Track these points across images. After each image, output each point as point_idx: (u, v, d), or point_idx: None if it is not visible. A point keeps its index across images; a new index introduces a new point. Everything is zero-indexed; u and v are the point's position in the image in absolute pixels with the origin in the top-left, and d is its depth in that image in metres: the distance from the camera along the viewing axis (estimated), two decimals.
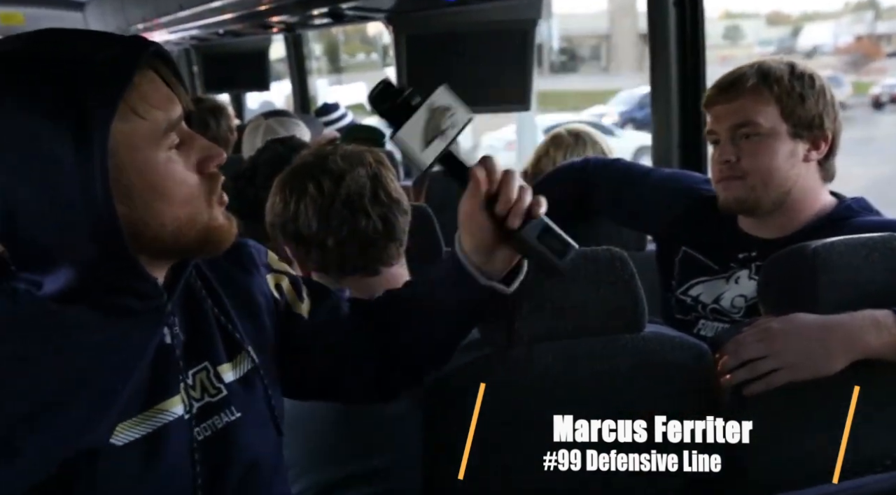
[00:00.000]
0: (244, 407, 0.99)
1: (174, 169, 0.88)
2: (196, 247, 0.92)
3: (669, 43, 2.15)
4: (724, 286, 1.60)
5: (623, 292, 1.20)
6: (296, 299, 1.11)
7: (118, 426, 0.87)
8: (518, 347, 1.18)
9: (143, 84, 0.85)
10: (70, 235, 0.83)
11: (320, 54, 21.19)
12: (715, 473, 1.29)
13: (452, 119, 1.02)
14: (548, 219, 1.02)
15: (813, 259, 1.23)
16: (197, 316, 0.98)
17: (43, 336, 0.85)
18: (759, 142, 1.52)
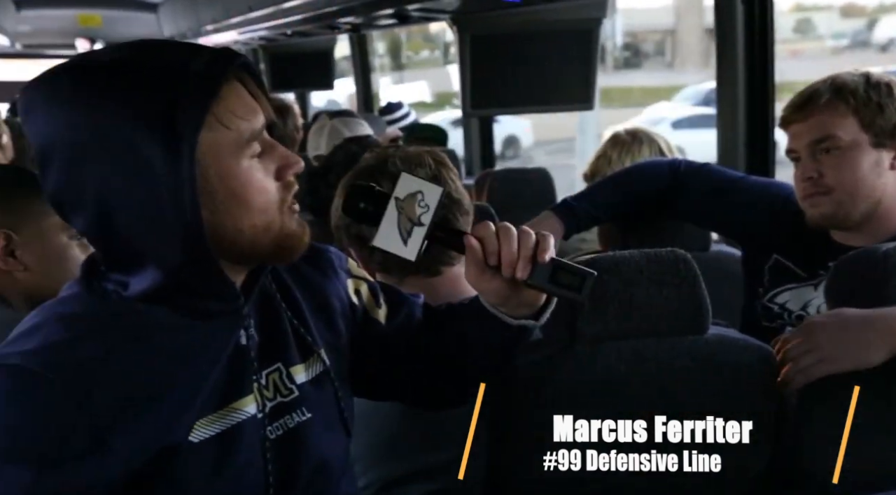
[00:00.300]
0: (315, 408, 1.01)
1: (255, 177, 0.91)
2: (270, 253, 0.95)
3: (737, 39, 2.12)
4: (811, 293, 1.60)
5: (687, 293, 1.20)
6: (373, 305, 1.13)
7: (196, 423, 0.91)
8: (581, 346, 1.19)
9: (229, 95, 0.88)
10: (159, 238, 0.86)
11: (383, 52, 21.35)
12: (779, 474, 1.29)
13: (423, 203, 0.99)
14: (556, 257, 0.99)
15: (884, 262, 1.22)
16: (272, 318, 1.00)
17: (132, 335, 0.89)
18: (840, 155, 1.51)
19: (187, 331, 0.91)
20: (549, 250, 0.98)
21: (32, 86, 0.88)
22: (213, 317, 0.93)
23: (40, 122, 0.86)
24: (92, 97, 0.85)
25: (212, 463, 0.91)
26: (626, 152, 2.17)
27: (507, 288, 1.00)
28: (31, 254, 1.39)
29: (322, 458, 1.01)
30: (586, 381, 1.19)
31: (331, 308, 1.08)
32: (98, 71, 0.86)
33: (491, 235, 0.98)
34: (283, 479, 0.97)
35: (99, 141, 0.84)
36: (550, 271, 0.98)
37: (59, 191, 0.88)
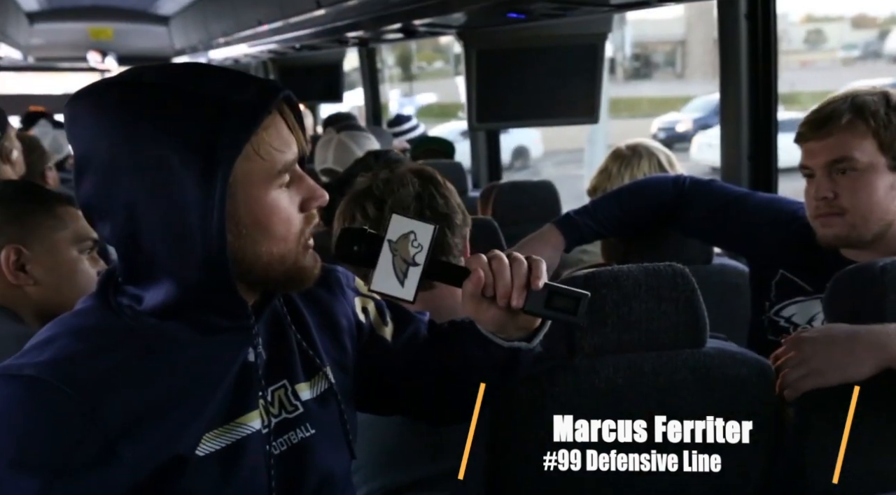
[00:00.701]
0: (319, 425, 1.03)
1: (281, 206, 0.92)
2: (280, 283, 0.97)
3: (740, 55, 2.14)
4: (818, 307, 1.60)
5: (684, 307, 1.21)
6: (380, 323, 1.15)
7: (203, 437, 0.92)
8: (580, 360, 1.20)
9: (269, 127, 0.90)
10: (182, 256, 0.89)
11: (392, 64, 21.42)
12: (781, 486, 1.30)
13: (417, 243, 1.00)
14: (549, 281, 1.01)
15: (881, 276, 1.23)
16: (279, 336, 1.02)
17: (144, 349, 0.91)
18: (857, 177, 1.50)
19: (197, 346, 0.93)
20: (542, 276, 1.00)
21: (82, 95, 0.91)
22: (223, 332, 0.95)
23: (82, 132, 0.89)
24: (135, 116, 0.87)
25: (217, 477, 0.93)
26: (625, 166, 2.18)
27: (504, 315, 1.03)
28: (41, 269, 1.41)
29: (325, 474, 1.03)
30: (585, 394, 1.20)
31: (338, 326, 1.10)
32: (145, 90, 0.88)
33: (485, 267, 1.00)
34: (286, 494, 0.99)
35: (135, 159, 0.87)
36: (545, 296, 1.00)
37: (91, 200, 0.90)
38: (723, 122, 2.24)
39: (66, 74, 8.47)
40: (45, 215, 1.43)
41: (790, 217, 1.69)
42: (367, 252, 1.01)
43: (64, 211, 1.45)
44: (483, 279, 1.00)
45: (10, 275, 1.39)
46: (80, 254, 1.45)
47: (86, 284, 1.40)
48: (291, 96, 0.94)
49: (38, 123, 4.46)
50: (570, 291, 1.00)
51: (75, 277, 1.44)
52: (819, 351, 1.22)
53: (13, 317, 1.40)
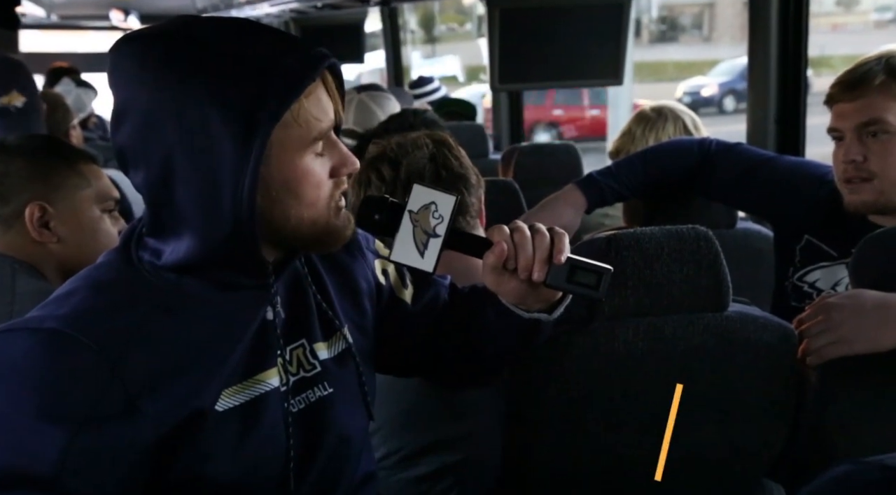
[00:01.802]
0: (336, 384, 1.04)
1: (313, 171, 0.93)
2: (310, 244, 0.97)
3: (770, 18, 2.09)
4: (842, 272, 1.58)
5: (707, 271, 1.20)
6: (400, 285, 1.16)
7: (222, 392, 0.93)
8: (601, 323, 1.20)
9: (310, 95, 0.90)
10: (210, 212, 0.89)
11: (415, 25, 21.21)
12: (803, 451, 1.29)
13: (438, 213, 1.00)
14: (572, 254, 1.00)
15: None
16: (298, 295, 1.03)
17: (164, 305, 0.92)
18: (888, 140, 1.48)
19: (216, 303, 0.94)
20: (565, 250, 0.99)
21: (126, 42, 0.90)
22: (243, 290, 0.96)
23: (125, 79, 0.89)
24: (180, 72, 0.87)
25: (236, 433, 0.94)
26: (650, 129, 2.15)
27: (525, 288, 1.02)
28: (64, 226, 1.42)
29: (342, 433, 1.04)
30: (605, 357, 1.20)
31: (357, 288, 1.10)
32: (192, 46, 0.88)
33: (507, 239, 1.00)
34: (303, 452, 1.00)
35: (177, 112, 0.86)
36: (567, 271, 0.99)
37: (128, 145, 0.90)
38: (750, 85, 2.19)
39: (88, 33, 8.47)
40: (69, 172, 1.43)
41: (817, 181, 1.66)
42: (388, 221, 1.00)
43: (88, 169, 1.46)
44: (505, 251, 0.99)
45: (34, 232, 1.40)
46: (102, 214, 1.46)
47: (107, 243, 1.41)
48: (336, 63, 0.93)
49: (62, 81, 4.46)
50: (592, 265, 0.99)
51: (97, 236, 1.44)
52: (848, 318, 1.20)
53: (36, 273, 1.41)
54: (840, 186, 1.55)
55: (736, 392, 1.23)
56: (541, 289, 1.02)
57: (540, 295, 1.04)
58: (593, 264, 0.99)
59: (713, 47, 20.72)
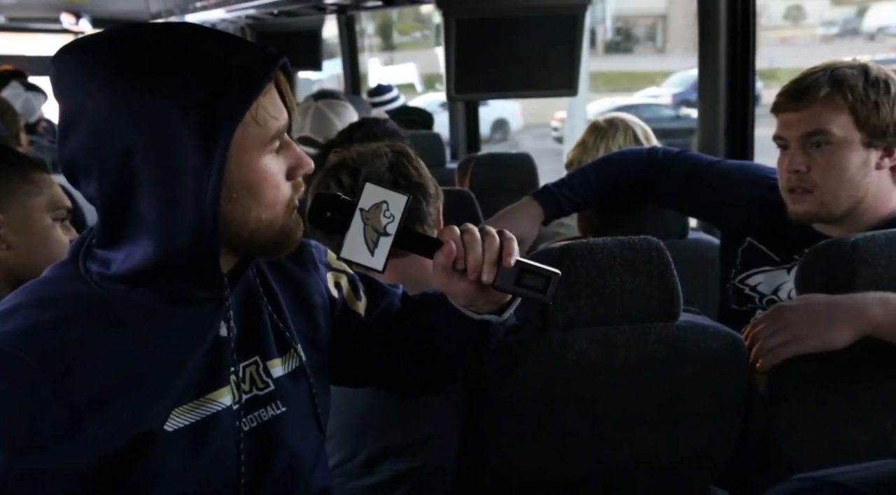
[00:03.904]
0: (289, 403, 1.02)
1: (272, 171, 0.92)
2: (266, 248, 0.96)
3: (719, 30, 2.13)
4: (784, 277, 1.60)
5: (659, 281, 1.22)
6: (353, 297, 1.15)
7: (172, 412, 0.90)
8: (554, 332, 1.21)
9: (266, 94, 0.90)
10: (171, 217, 0.87)
11: (373, 32, 21.17)
12: (747, 459, 1.31)
13: (389, 213, 1.00)
14: (521, 258, 1.01)
15: (852, 251, 1.24)
16: (252, 311, 1.01)
17: (112, 320, 0.89)
18: (831, 151, 1.48)
19: (168, 317, 0.92)
20: (514, 254, 1.00)
21: (69, 49, 0.88)
22: (195, 304, 0.94)
23: (72, 88, 0.87)
24: (132, 75, 0.85)
25: (186, 453, 0.92)
26: (601, 139, 2.19)
27: (475, 289, 1.03)
28: (15, 234, 1.39)
29: (294, 452, 1.02)
30: (558, 366, 1.21)
31: (310, 303, 1.08)
32: (144, 49, 0.86)
33: (457, 240, 1.00)
34: (255, 471, 0.98)
35: (134, 115, 0.84)
36: (516, 274, 1.00)
37: (79, 155, 0.87)
38: (700, 96, 2.24)
39: (38, 35, 8.28)
40: (20, 180, 1.40)
41: (761, 182, 1.68)
42: (339, 219, 1.00)
43: (40, 177, 1.43)
44: (455, 252, 1.00)
45: None
46: (53, 222, 1.43)
47: (58, 252, 1.39)
48: (286, 63, 0.92)
49: (10, 85, 4.37)
50: (540, 269, 1.00)
51: (48, 244, 1.42)
52: (800, 317, 1.23)
53: None
54: (784, 195, 1.57)
55: (686, 400, 1.25)
56: (490, 291, 1.03)
57: (490, 297, 1.05)
58: (542, 268, 1.01)
59: (667, 58, 21.07)
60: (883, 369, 1.25)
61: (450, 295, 1.06)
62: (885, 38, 20.94)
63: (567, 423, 1.24)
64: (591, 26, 15.54)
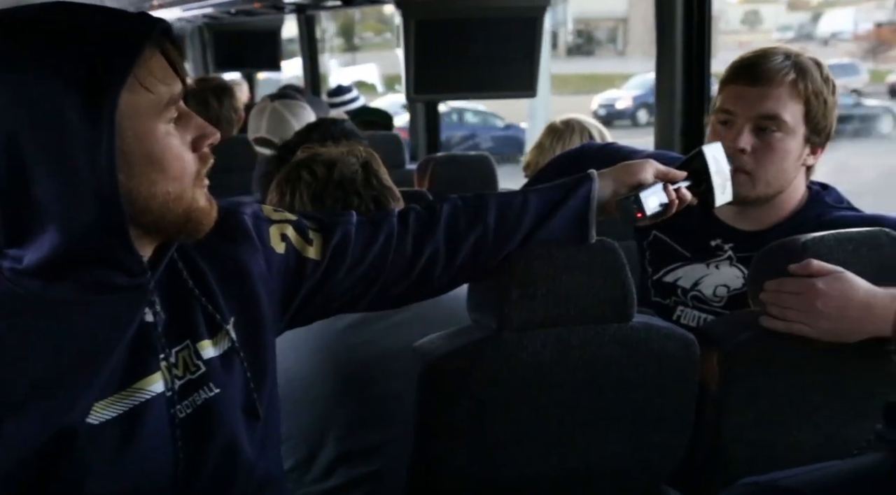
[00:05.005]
0: (223, 384, 1.00)
1: (172, 142, 0.91)
2: (179, 226, 0.94)
3: (675, 34, 2.15)
4: (703, 270, 1.58)
5: (613, 282, 1.22)
6: (304, 244, 1.11)
7: (95, 405, 0.89)
8: (509, 333, 1.21)
9: (150, 59, 0.88)
10: (71, 197, 0.85)
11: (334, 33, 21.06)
12: (700, 460, 1.33)
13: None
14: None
15: (802, 252, 1.25)
16: (179, 294, 0.98)
17: (27, 316, 0.87)
18: (779, 139, 1.45)
19: (87, 308, 0.89)
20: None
21: None
22: (116, 292, 0.91)
23: None
24: (9, 52, 0.83)
25: (114, 445, 0.90)
26: (558, 140, 2.20)
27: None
28: None
29: (230, 437, 1.00)
30: (513, 368, 1.20)
31: (245, 274, 1.05)
32: (17, 26, 0.85)
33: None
34: (191, 460, 0.96)
35: (14, 93, 0.83)
36: None
37: None
38: (657, 99, 2.26)
39: None
40: None
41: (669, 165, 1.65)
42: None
43: None
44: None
45: None
46: None
47: None
48: (170, 29, 0.91)
49: None
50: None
51: None
52: (830, 312, 1.21)
53: None
54: None
55: (640, 401, 1.26)
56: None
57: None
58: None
59: (627, 61, 21.30)
60: (831, 370, 1.27)
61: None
62: (837, 43, 21.41)
63: (522, 426, 1.24)
64: (552, 29, 15.55)
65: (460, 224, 1.19)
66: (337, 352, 1.37)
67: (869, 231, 1.27)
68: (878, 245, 1.25)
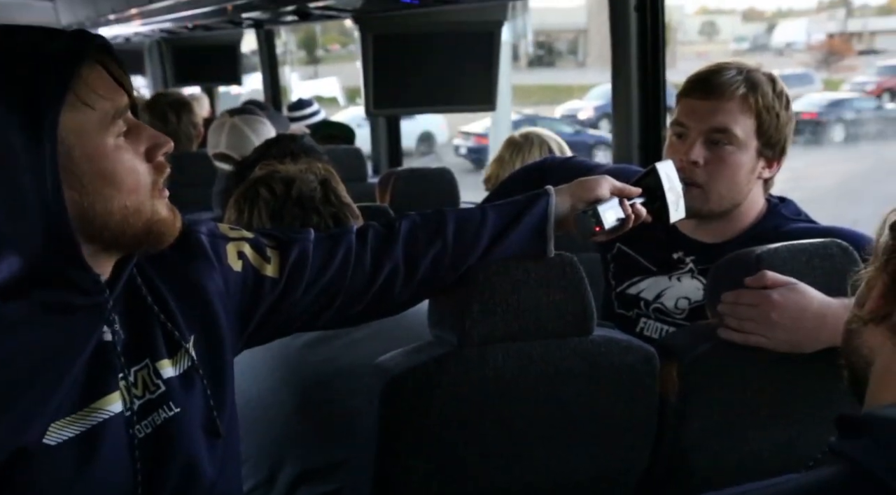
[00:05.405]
0: (183, 403, 0.99)
1: (123, 156, 0.90)
2: (140, 238, 0.93)
3: (630, 48, 2.18)
4: (665, 283, 1.60)
5: (573, 296, 1.23)
6: (262, 262, 1.11)
7: (51, 425, 0.88)
8: (470, 349, 1.21)
9: (89, 75, 0.88)
10: (19, 221, 0.84)
11: (296, 47, 20.99)
12: (661, 472, 1.33)
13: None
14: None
15: (757, 264, 1.27)
16: (139, 313, 0.98)
17: None
18: (730, 152, 1.48)
19: (43, 327, 0.88)
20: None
21: None
22: (75, 312, 0.90)
23: None
24: None
25: (72, 466, 0.89)
26: (517, 153, 2.21)
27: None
28: None
29: (190, 456, 0.99)
30: (475, 383, 1.20)
31: (201, 291, 1.04)
32: None
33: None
34: (151, 480, 0.95)
35: None
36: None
37: None
38: (614, 112, 2.28)
39: None
40: None
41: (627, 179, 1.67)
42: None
43: None
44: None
45: None
46: None
47: None
48: (108, 44, 0.91)
49: None
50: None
51: None
52: (785, 323, 1.22)
53: None
54: None
55: (601, 414, 1.27)
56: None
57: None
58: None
59: (588, 72, 21.53)
60: (787, 380, 1.29)
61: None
62: (792, 53, 21.87)
63: (484, 442, 1.23)
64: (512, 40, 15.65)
65: (419, 239, 1.19)
66: (296, 369, 1.36)
67: (821, 242, 1.29)
68: (830, 255, 1.27)
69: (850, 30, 22.55)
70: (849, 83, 16.93)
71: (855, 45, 21.81)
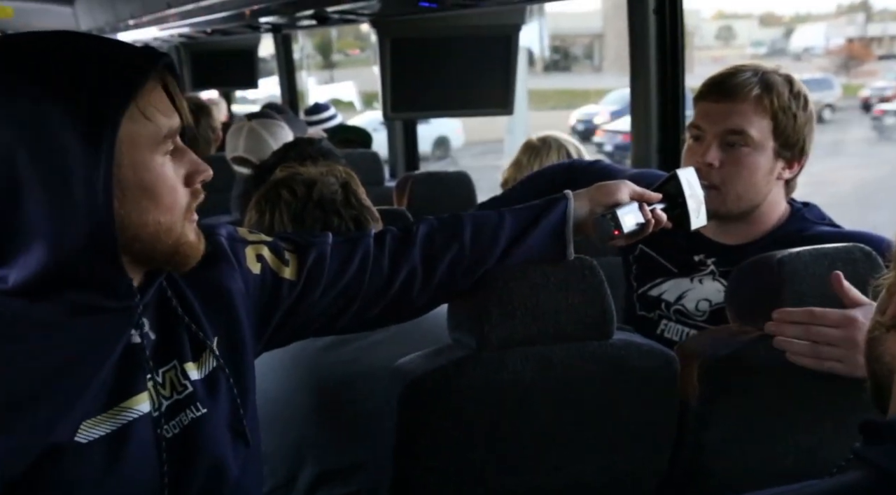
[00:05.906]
0: (209, 404, 1.01)
1: (167, 174, 0.92)
2: (167, 257, 0.95)
3: (649, 51, 2.17)
4: (687, 285, 1.60)
5: (592, 299, 1.22)
6: (280, 264, 1.12)
7: (83, 423, 0.90)
8: (489, 352, 1.20)
9: (152, 91, 0.90)
10: (65, 220, 0.86)
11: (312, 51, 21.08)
12: (681, 474, 1.32)
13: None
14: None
15: (779, 269, 1.26)
16: (165, 316, 1.00)
17: (9, 335, 0.87)
18: (746, 154, 1.49)
19: (71, 329, 0.90)
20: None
21: None
22: (103, 313, 0.92)
23: None
24: (9, 79, 0.85)
25: (102, 464, 0.90)
26: (535, 157, 2.21)
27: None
28: None
29: (218, 456, 1.00)
30: (493, 386, 1.20)
31: (224, 295, 1.06)
32: (20, 55, 0.86)
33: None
34: (177, 479, 0.96)
35: (13, 118, 0.84)
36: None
37: None
38: (633, 115, 2.27)
39: None
40: None
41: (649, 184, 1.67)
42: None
43: None
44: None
45: None
46: None
47: None
48: (173, 64, 0.93)
49: None
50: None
51: None
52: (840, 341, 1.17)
53: None
54: None
55: (621, 418, 1.26)
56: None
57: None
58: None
59: (603, 76, 21.49)
60: (810, 386, 1.28)
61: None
62: (810, 58, 21.73)
63: (502, 445, 1.23)
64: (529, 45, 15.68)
65: (436, 243, 1.19)
66: (315, 370, 1.37)
67: (843, 246, 1.28)
68: (853, 260, 1.26)
69: (869, 34, 22.39)
70: (868, 88, 16.80)
71: (875, 49, 21.66)
